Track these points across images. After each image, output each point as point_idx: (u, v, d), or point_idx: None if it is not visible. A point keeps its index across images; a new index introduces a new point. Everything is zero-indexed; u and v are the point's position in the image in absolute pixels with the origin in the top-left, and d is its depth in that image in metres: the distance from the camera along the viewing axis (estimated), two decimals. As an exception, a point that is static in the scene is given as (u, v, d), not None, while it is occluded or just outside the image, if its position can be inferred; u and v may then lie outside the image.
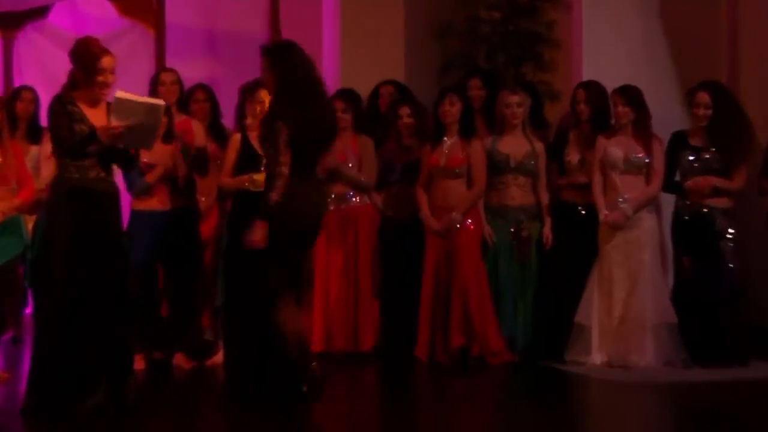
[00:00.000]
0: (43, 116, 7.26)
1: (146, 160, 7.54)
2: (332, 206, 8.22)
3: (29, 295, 8.42)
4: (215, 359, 7.86)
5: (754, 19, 8.86)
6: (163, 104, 6.41)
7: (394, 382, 7.72)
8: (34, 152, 8.45)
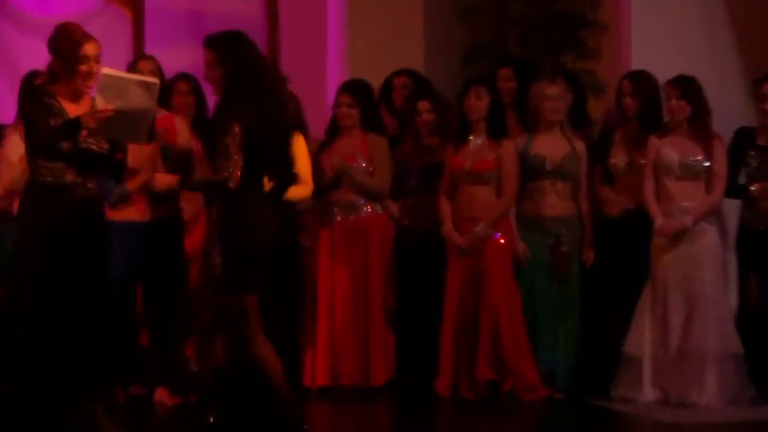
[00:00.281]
0: (2, 112, 7.24)
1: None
2: (339, 216, 8.00)
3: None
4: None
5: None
6: (158, 83, 6.29)
7: (411, 421, 7.50)
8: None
